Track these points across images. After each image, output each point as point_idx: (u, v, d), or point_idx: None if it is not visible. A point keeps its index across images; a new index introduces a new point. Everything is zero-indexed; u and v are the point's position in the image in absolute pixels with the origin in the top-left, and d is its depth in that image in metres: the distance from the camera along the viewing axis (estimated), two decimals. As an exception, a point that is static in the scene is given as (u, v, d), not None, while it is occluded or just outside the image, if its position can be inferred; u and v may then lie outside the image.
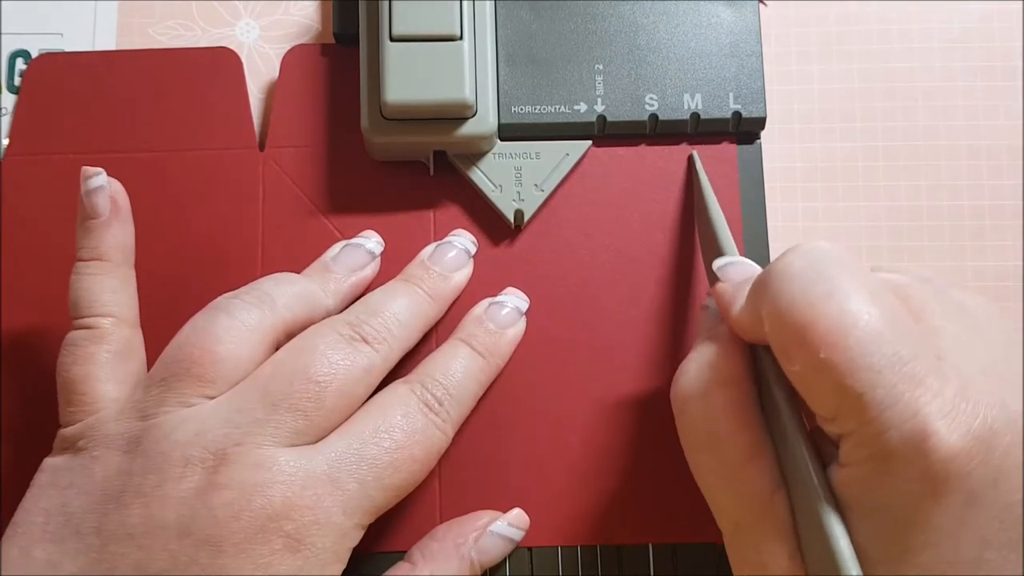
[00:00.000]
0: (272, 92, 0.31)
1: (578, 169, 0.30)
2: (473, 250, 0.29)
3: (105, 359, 0.25)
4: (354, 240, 0.29)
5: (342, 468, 0.23)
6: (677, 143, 0.31)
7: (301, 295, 0.26)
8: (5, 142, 0.30)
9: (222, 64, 0.31)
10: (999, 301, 0.31)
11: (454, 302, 0.29)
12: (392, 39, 0.28)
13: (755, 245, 0.30)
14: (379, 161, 0.30)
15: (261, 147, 0.30)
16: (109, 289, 0.25)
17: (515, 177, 0.30)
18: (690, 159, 0.30)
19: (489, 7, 0.29)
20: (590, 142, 0.30)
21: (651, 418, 0.29)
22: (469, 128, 0.28)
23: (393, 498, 0.24)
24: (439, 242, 0.29)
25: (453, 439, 0.26)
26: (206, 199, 0.30)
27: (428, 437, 0.25)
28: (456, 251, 0.29)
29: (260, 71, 0.32)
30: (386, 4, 0.28)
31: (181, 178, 0.30)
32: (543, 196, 0.30)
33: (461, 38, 0.28)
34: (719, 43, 0.30)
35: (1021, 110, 0.32)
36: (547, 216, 0.30)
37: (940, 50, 0.32)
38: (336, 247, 0.29)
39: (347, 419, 0.24)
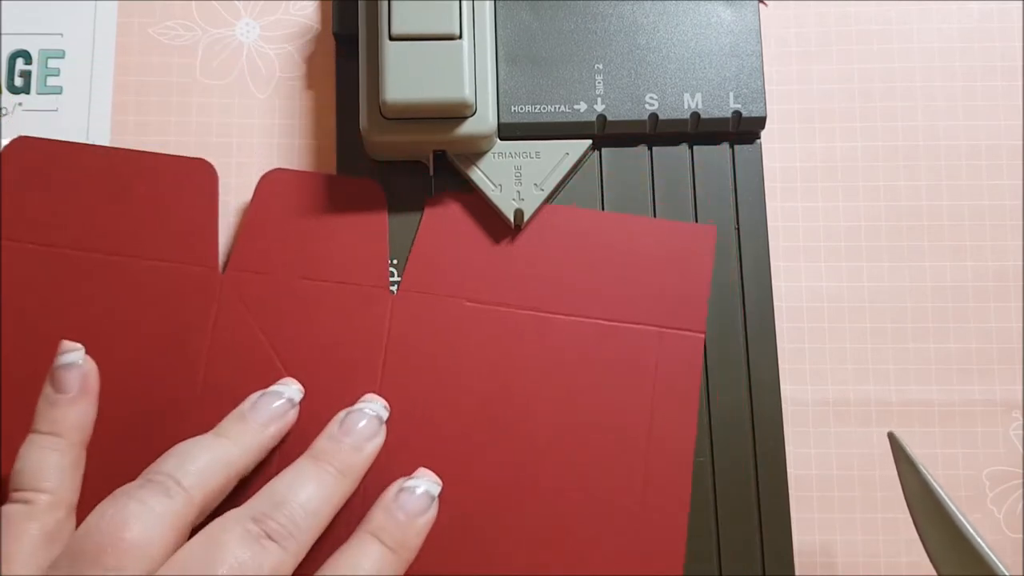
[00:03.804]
0: (244, 213, 0.30)
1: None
2: (385, 415, 0.28)
3: (32, 540, 0.24)
4: (272, 388, 0.28)
5: None
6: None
7: (211, 465, 0.25)
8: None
9: (197, 175, 0.30)
10: (999, 301, 0.31)
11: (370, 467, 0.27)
12: (391, 38, 0.28)
13: (755, 245, 0.30)
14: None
15: (223, 268, 0.30)
16: (58, 467, 0.25)
17: (515, 176, 0.30)
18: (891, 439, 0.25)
19: (489, 6, 0.29)
20: (590, 142, 0.30)
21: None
22: (469, 127, 0.28)
23: None
24: (349, 409, 0.28)
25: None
26: (157, 312, 0.29)
27: None
28: (367, 419, 0.27)
29: (260, 71, 0.32)
30: (385, 3, 0.28)
31: (136, 286, 0.29)
32: (543, 196, 0.30)
33: (460, 37, 0.28)
34: (719, 43, 0.30)
35: (1021, 110, 0.32)
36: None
37: (940, 50, 0.32)
38: (253, 397, 0.27)
39: None
